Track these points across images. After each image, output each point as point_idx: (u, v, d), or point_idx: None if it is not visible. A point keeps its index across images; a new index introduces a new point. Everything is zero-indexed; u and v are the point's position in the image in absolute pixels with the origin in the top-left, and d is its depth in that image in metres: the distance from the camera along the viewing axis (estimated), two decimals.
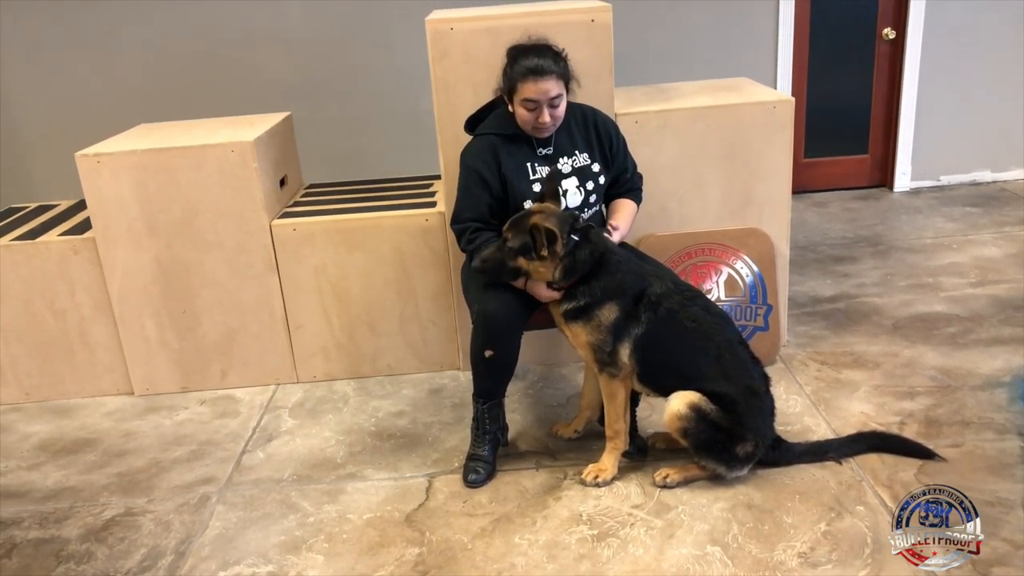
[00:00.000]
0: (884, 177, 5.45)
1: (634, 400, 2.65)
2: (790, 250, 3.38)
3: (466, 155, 2.68)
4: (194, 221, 3.16)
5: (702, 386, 2.45)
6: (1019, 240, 4.35)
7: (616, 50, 3.00)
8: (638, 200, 2.85)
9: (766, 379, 2.58)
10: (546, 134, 2.64)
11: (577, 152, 2.70)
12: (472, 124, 2.76)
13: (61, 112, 4.90)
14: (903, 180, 5.35)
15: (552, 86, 2.51)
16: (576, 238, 2.43)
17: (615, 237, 2.65)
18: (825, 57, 5.18)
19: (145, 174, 3.11)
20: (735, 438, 2.45)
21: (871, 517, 2.34)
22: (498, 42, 2.78)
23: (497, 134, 2.64)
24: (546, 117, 2.54)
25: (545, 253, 2.41)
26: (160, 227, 3.16)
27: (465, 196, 2.66)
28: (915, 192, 5.31)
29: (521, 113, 2.56)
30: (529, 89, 2.50)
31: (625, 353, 2.49)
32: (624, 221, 2.75)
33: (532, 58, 2.51)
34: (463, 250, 2.69)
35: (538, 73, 2.49)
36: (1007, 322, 3.45)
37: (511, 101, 2.59)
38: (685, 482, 2.54)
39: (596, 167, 2.71)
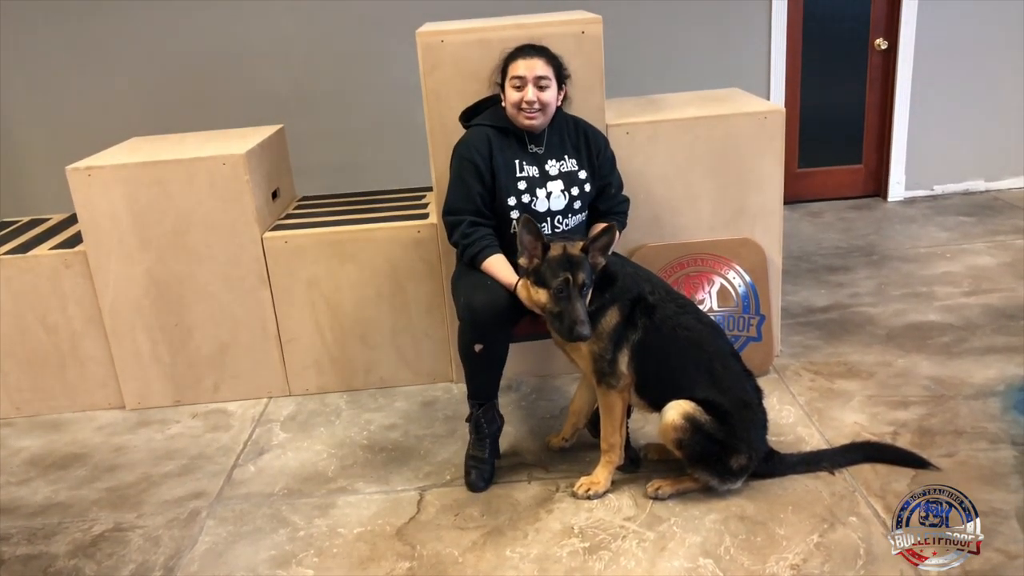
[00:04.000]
0: (878, 187, 5.45)
1: (627, 412, 2.64)
2: (784, 260, 3.38)
3: (460, 145, 2.70)
4: (186, 234, 3.16)
5: (694, 395, 2.44)
6: (1012, 249, 4.35)
7: (607, 62, 3.01)
8: (621, 224, 2.83)
9: (758, 392, 2.57)
10: (534, 121, 2.64)
11: (566, 157, 2.72)
12: (467, 117, 2.79)
13: (55, 126, 4.90)
14: (897, 190, 5.36)
15: (540, 65, 2.60)
16: None
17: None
18: (818, 68, 5.19)
19: (137, 187, 3.10)
20: (729, 450, 2.44)
21: (864, 528, 2.33)
22: (489, 54, 2.79)
23: (492, 126, 2.68)
24: (532, 95, 2.58)
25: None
26: (152, 240, 3.16)
27: (458, 187, 2.66)
28: (909, 201, 5.32)
29: (510, 95, 2.62)
30: (518, 66, 2.60)
31: (624, 362, 2.48)
32: None
33: (526, 47, 2.67)
34: (454, 243, 2.68)
35: (528, 54, 2.61)
36: (1000, 331, 3.44)
37: (503, 88, 2.65)
38: (677, 494, 2.53)
39: (583, 174, 2.73)
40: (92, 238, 3.16)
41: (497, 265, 2.57)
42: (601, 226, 2.47)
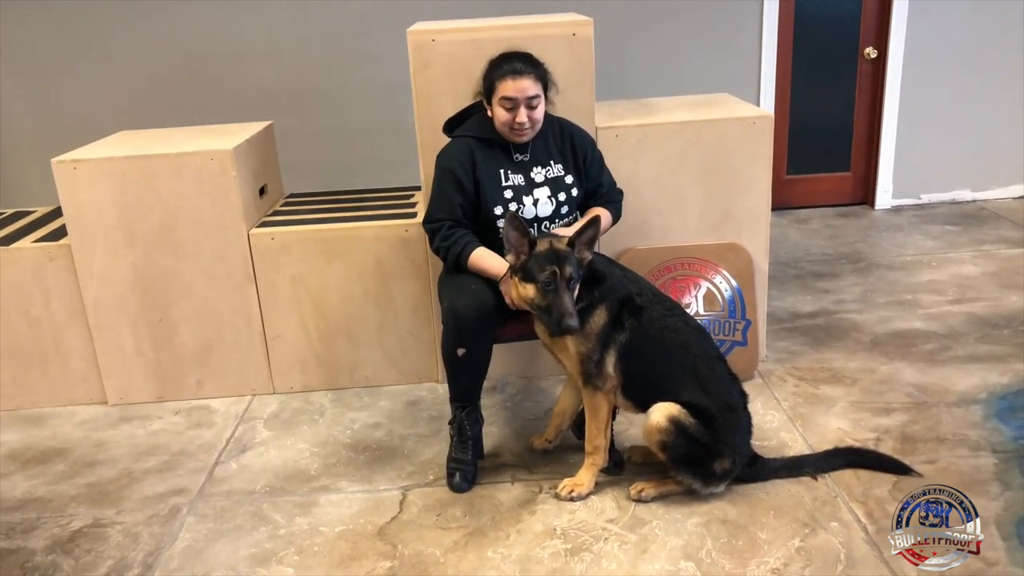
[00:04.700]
0: (866, 194, 5.48)
1: (612, 414, 2.64)
2: (771, 266, 3.39)
3: (442, 156, 2.69)
4: (172, 229, 3.14)
5: (679, 397, 2.45)
6: (997, 259, 4.38)
7: (598, 64, 3.01)
8: (615, 213, 2.84)
9: (743, 396, 2.57)
10: (524, 138, 2.65)
11: (552, 163, 2.72)
12: (451, 126, 2.77)
13: (42, 119, 4.86)
14: (884, 198, 5.39)
15: (530, 85, 2.56)
16: None
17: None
18: (808, 75, 5.22)
19: (123, 181, 3.08)
20: (713, 454, 2.44)
21: (845, 533, 2.33)
22: (480, 54, 2.78)
23: (475, 137, 2.67)
24: (523, 117, 2.57)
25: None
26: (137, 235, 3.14)
27: (439, 196, 2.66)
28: (896, 210, 5.35)
29: (499, 113, 2.59)
30: (507, 87, 2.55)
31: (610, 363, 2.48)
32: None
33: (512, 61, 2.59)
34: (435, 249, 2.69)
35: (517, 72, 2.56)
36: (983, 340, 3.46)
37: (490, 103, 2.62)
38: (660, 496, 2.53)
39: (569, 179, 2.73)
40: (77, 232, 3.13)
41: (482, 257, 2.57)
42: (585, 220, 2.47)
